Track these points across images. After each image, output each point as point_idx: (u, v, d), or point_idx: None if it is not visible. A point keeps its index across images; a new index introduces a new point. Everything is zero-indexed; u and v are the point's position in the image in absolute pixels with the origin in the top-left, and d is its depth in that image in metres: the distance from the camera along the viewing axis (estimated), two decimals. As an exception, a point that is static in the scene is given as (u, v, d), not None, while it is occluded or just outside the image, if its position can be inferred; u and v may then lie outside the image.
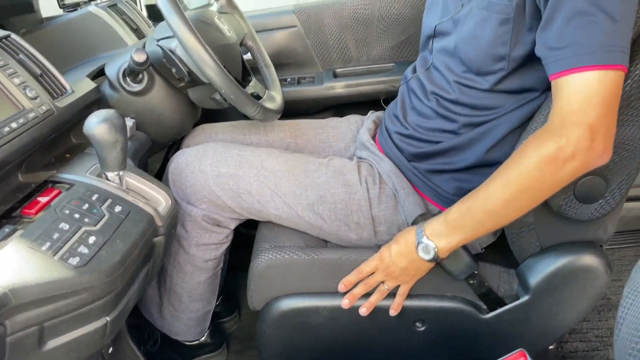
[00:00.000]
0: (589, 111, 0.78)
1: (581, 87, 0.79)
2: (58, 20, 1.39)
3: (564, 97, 0.81)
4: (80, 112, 1.02)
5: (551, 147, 0.80)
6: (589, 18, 0.78)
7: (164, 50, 1.07)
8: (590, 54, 0.78)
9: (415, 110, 1.14)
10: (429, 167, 1.10)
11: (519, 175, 0.84)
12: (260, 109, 1.09)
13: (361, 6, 1.68)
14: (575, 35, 0.79)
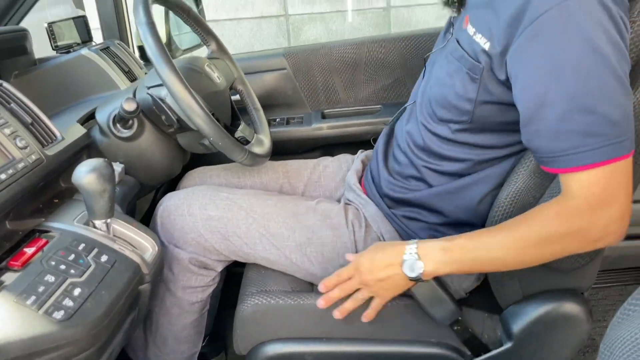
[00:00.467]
0: (614, 200, 0.79)
1: (586, 181, 0.79)
2: (50, 63, 1.41)
3: (584, 186, 0.80)
4: (70, 158, 1.03)
5: (581, 226, 0.80)
6: (587, 110, 0.76)
7: (153, 99, 1.09)
8: (599, 149, 0.77)
9: (394, 155, 1.17)
10: (405, 214, 1.11)
11: (538, 239, 0.83)
12: (247, 155, 1.11)
13: (349, 50, 1.73)
14: (568, 131, 0.78)
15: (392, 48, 1.71)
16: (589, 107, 0.76)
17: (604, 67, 0.76)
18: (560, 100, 0.78)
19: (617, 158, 0.78)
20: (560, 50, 0.77)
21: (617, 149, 0.77)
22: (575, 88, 0.76)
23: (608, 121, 0.76)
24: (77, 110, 1.30)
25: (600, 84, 0.76)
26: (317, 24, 4.05)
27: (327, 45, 1.75)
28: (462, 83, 0.93)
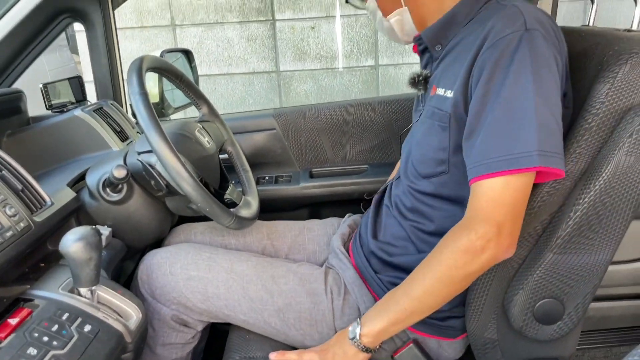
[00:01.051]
0: (496, 210, 0.87)
1: (489, 190, 0.88)
2: (44, 123, 1.44)
3: (476, 198, 0.90)
4: (58, 222, 1.05)
5: (464, 240, 0.88)
6: (503, 129, 0.87)
7: (144, 165, 1.12)
8: (497, 162, 0.87)
9: (383, 219, 1.20)
10: (391, 280, 1.13)
11: (437, 264, 0.92)
12: (234, 220, 1.13)
13: (337, 112, 1.78)
14: (488, 146, 0.88)
15: (378, 111, 1.77)
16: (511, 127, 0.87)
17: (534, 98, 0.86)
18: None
19: (512, 170, 0.86)
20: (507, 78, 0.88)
21: (517, 163, 0.85)
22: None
23: (525, 128, 0.86)
24: (68, 170, 1.33)
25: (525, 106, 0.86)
26: (307, 81, 4.16)
27: (316, 107, 1.80)
28: (436, 135, 1.01)
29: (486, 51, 0.90)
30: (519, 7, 0.92)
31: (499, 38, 0.89)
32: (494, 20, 0.92)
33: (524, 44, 0.87)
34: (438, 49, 1.07)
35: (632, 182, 0.88)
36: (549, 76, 0.88)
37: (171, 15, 4.02)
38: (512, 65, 0.87)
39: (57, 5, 1.50)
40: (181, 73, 1.35)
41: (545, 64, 0.88)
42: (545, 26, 0.90)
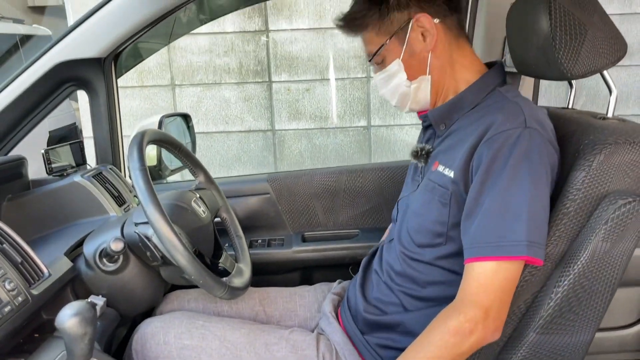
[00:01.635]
0: (484, 295, 0.93)
1: (480, 274, 0.94)
2: (44, 189, 1.48)
3: (467, 280, 0.96)
4: (55, 293, 1.07)
5: (453, 322, 0.93)
6: (498, 217, 0.94)
7: (140, 236, 1.15)
8: (489, 247, 0.93)
9: (373, 283, 1.23)
10: (379, 342, 1.16)
11: (427, 344, 0.95)
12: (227, 290, 1.16)
13: (329, 178, 1.83)
14: (483, 230, 0.95)
15: (369, 177, 1.82)
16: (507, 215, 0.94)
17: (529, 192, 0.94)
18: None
19: (503, 257, 0.92)
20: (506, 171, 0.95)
21: (508, 251, 0.92)
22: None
23: (517, 218, 0.93)
24: (66, 235, 1.36)
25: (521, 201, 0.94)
26: (301, 140, 4.26)
27: (309, 172, 1.86)
28: (436, 209, 1.07)
29: (487, 141, 0.98)
30: (520, 105, 1.01)
31: (501, 131, 0.97)
32: (496, 112, 1.01)
33: (522, 140, 0.95)
34: (442, 128, 1.14)
35: (609, 268, 0.93)
36: (542, 172, 0.95)
37: (171, 75, 4.14)
38: (510, 159, 0.94)
39: (63, 75, 1.57)
40: (179, 143, 1.40)
41: (540, 160, 0.95)
42: (543, 125, 0.99)
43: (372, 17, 1.13)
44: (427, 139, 1.21)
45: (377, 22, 1.13)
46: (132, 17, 1.50)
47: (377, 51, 1.14)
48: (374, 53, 1.15)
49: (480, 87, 1.11)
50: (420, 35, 1.11)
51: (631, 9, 3.98)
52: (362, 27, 1.15)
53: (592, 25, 1.02)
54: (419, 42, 1.11)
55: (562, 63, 1.02)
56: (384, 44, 1.13)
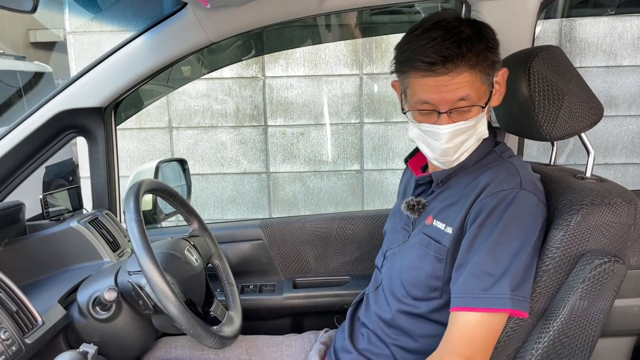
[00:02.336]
0: (467, 346, 0.97)
1: (464, 324, 0.99)
2: (40, 234, 1.51)
3: (450, 330, 1.00)
4: (48, 341, 1.09)
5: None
6: (485, 270, 0.98)
7: (133, 286, 1.18)
8: (475, 298, 0.97)
9: (361, 334, 1.25)
10: None
11: None
12: (217, 340, 1.18)
13: (321, 224, 1.86)
14: (470, 282, 0.99)
15: (360, 224, 1.86)
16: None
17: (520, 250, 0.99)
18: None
19: (488, 309, 0.96)
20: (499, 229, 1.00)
21: (493, 303, 0.97)
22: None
23: (503, 272, 0.97)
24: (60, 281, 1.38)
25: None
26: (295, 182, 4.32)
27: (301, 218, 1.89)
28: (431, 264, 1.10)
29: (485, 199, 1.03)
30: (516, 167, 1.07)
31: (498, 191, 1.02)
32: (494, 172, 1.06)
33: (517, 201, 1.01)
34: (440, 185, 1.18)
35: (587, 325, 0.96)
36: (532, 232, 1.00)
37: (169, 118, 4.22)
38: (503, 217, 0.99)
39: (64, 123, 1.62)
40: (175, 192, 1.44)
41: (532, 220, 1.01)
42: (537, 187, 1.05)
43: (485, 61, 1.04)
44: (419, 192, 1.23)
45: (487, 67, 1.04)
46: (132, 70, 1.57)
47: (484, 101, 1.05)
48: (479, 100, 1.04)
49: (482, 150, 1.14)
50: (495, 89, 1.09)
51: (616, 61, 4.12)
52: (475, 65, 1.02)
53: (569, 91, 1.08)
54: (495, 97, 1.10)
55: (542, 126, 1.08)
56: (490, 90, 1.07)
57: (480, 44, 1.02)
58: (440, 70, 1.00)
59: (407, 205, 1.21)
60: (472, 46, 1.01)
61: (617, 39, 4.09)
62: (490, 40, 1.05)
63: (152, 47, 1.55)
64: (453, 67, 1.00)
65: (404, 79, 1.09)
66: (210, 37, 1.53)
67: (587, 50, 4.11)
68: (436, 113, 1.05)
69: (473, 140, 1.09)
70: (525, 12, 1.51)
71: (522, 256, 0.98)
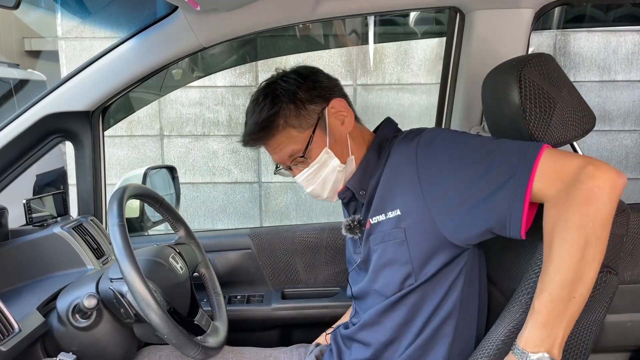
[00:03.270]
0: (569, 168, 0.90)
1: (551, 166, 0.92)
2: (22, 239, 1.47)
3: (559, 175, 0.91)
4: (24, 349, 1.05)
5: (577, 194, 0.86)
6: (481, 159, 1.00)
7: (114, 293, 1.15)
8: (527, 160, 0.94)
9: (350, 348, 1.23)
10: None
11: (573, 233, 0.86)
12: (200, 350, 1.14)
13: (311, 234, 1.84)
14: (509, 150, 0.99)
15: (351, 235, 1.83)
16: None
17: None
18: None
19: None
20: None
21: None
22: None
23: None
24: (40, 288, 1.34)
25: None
26: (287, 192, 4.29)
27: (291, 228, 1.86)
28: (394, 253, 1.09)
29: (421, 155, 1.06)
30: (416, 128, 1.14)
31: (413, 145, 1.07)
32: (399, 145, 1.11)
33: (430, 132, 1.08)
34: (362, 194, 1.18)
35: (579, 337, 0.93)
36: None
37: (160, 125, 4.19)
38: (438, 148, 1.05)
39: (51, 127, 1.59)
40: (161, 198, 1.41)
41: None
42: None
43: (289, 115, 1.13)
44: (352, 211, 1.24)
45: (295, 119, 1.14)
46: (122, 74, 1.54)
47: (308, 145, 1.13)
48: (305, 148, 1.13)
49: (378, 143, 1.19)
50: (338, 119, 1.16)
51: (610, 76, 4.14)
52: (282, 127, 1.14)
53: (560, 99, 1.06)
54: (338, 127, 1.16)
55: (533, 134, 1.06)
56: (311, 136, 1.13)
57: (280, 107, 1.13)
58: (257, 146, 1.19)
59: (345, 228, 1.22)
60: (269, 122, 1.13)
61: (612, 54, 4.11)
62: (292, 89, 1.15)
63: (141, 51, 1.53)
64: (262, 143, 1.18)
65: None
66: (201, 41, 1.51)
67: (581, 64, 4.14)
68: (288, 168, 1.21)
69: (330, 173, 1.16)
70: (520, 21, 1.50)
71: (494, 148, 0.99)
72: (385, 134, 1.21)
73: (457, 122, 1.67)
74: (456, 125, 1.68)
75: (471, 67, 1.58)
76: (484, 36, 1.53)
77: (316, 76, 1.19)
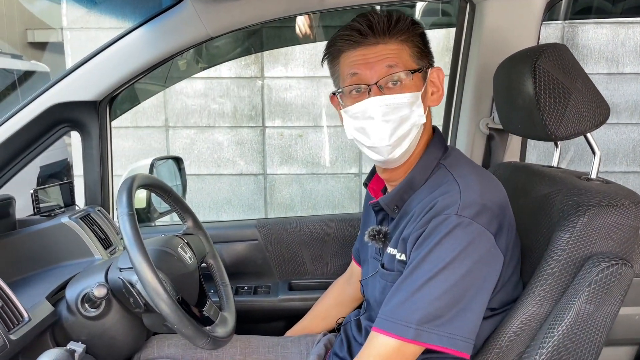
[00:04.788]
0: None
1: (382, 346, 0.95)
2: (30, 229, 1.47)
3: (368, 347, 0.98)
4: (34, 338, 1.05)
5: None
6: (403, 294, 0.95)
7: (124, 282, 1.14)
8: (386, 321, 0.95)
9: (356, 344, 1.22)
10: None
11: None
12: (209, 340, 1.14)
13: (318, 226, 1.83)
14: (388, 302, 0.97)
15: (358, 226, 1.82)
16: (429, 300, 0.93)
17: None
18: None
19: (404, 339, 0.93)
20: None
21: (410, 333, 0.92)
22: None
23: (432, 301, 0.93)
24: (49, 278, 1.34)
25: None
26: (292, 184, 4.29)
27: (298, 219, 1.86)
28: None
29: (423, 226, 0.98)
30: (460, 187, 0.98)
31: (434, 216, 0.96)
32: (438, 194, 1.00)
33: (451, 227, 0.93)
34: (396, 211, 1.11)
35: (593, 330, 0.92)
36: (463, 263, 0.93)
37: (165, 117, 4.19)
38: (435, 246, 0.94)
39: (58, 116, 1.59)
40: (169, 188, 1.41)
41: (460, 250, 0.93)
42: (479, 210, 0.95)
43: (415, 40, 1.05)
44: (380, 220, 1.18)
45: (418, 46, 1.05)
46: (129, 63, 1.53)
47: (414, 72, 1.02)
48: (412, 72, 1.02)
49: (425, 165, 1.08)
50: (432, 87, 1.08)
51: (618, 69, 4.12)
52: (406, 38, 1.03)
53: (575, 90, 1.05)
54: (428, 94, 1.08)
55: (547, 125, 1.05)
56: (419, 69, 1.04)
57: (411, 28, 1.04)
58: (369, 40, 1.02)
59: (369, 235, 1.15)
60: (401, 22, 1.02)
61: (620, 46, 4.08)
62: (422, 34, 1.07)
63: (149, 40, 1.52)
64: (381, 36, 1.01)
65: (335, 67, 1.09)
66: (209, 31, 1.50)
67: (589, 57, 4.11)
68: (367, 91, 1.03)
69: (409, 127, 1.02)
70: (531, 11, 1.49)
71: (443, 286, 0.92)
72: (435, 152, 1.09)
73: (466, 113, 1.66)
74: (465, 116, 1.67)
75: (481, 57, 1.57)
76: (494, 26, 1.52)
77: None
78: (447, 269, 0.92)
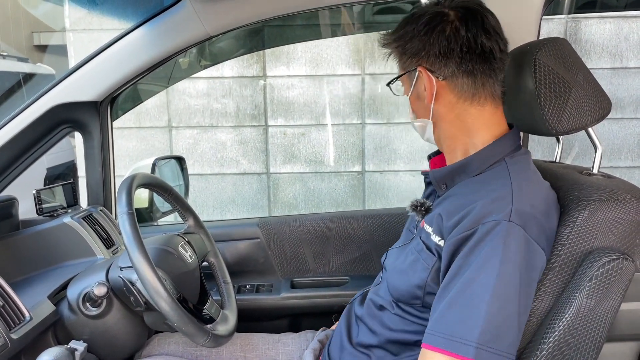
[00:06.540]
0: None
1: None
2: (32, 229, 1.48)
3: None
4: (35, 337, 1.06)
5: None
6: (456, 309, 0.91)
7: (124, 281, 1.15)
8: (441, 338, 0.90)
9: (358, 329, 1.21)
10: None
11: None
12: (210, 339, 1.14)
13: (320, 223, 1.83)
14: (440, 320, 0.92)
15: (360, 224, 1.82)
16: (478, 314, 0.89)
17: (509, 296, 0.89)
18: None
19: (452, 353, 0.89)
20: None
21: (457, 348, 0.88)
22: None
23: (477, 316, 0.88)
24: (51, 277, 1.35)
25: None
26: (296, 183, 4.29)
27: (300, 217, 1.86)
28: (417, 273, 1.04)
29: (468, 228, 0.93)
30: (513, 190, 0.95)
31: (483, 220, 0.92)
32: (490, 192, 0.97)
33: (498, 234, 0.90)
34: (443, 189, 1.11)
35: (594, 325, 0.92)
36: (515, 273, 0.89)
37: (168, 117, 4.20)
38: (483, 252, 0.90)
39: (59, 117, 1.59)
40: (170, 187, 1.41)
41: (515, 261, 0.90)
42: (530, 219, 0.93)
43: (397, 48, 1.14)
44: (427, 194, 1.19)
45: (400, 54, 1.14)
46: (129, 63, 1.54)
47: (397, 78, 1.18)
48: (397, 77, 1.18)
49: (488, 155, 1.05)
50: (423, 86, 1.09)
51: (622, 63, 4.09)
52: (396, 52, 1.15)
53: (576, 84, 1.05)
54: (422, 91, 1.10)
55: (547, 120, 1.04)
56: (401, 75, 1.16)
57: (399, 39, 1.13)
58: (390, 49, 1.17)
59: (411, 204, 1.15)
60: (398, 35, 1.13)
61: (623, 40, 4.05)
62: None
63: (149, 40, 1.52)
64: (389, 48, 1.16)
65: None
66: (208, 30, 1.50)
67: (592, 51, 4.08)
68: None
69: (411, 119, 1.15)
70: (531, 5, 1.48)
71: (499, 300, 0.88)
72: (502, 147, 1.07)
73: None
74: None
75: (482, 53, 1.56)
76: (494, 22, 1.51)
77: None
78: (495, 278, 0.89)
